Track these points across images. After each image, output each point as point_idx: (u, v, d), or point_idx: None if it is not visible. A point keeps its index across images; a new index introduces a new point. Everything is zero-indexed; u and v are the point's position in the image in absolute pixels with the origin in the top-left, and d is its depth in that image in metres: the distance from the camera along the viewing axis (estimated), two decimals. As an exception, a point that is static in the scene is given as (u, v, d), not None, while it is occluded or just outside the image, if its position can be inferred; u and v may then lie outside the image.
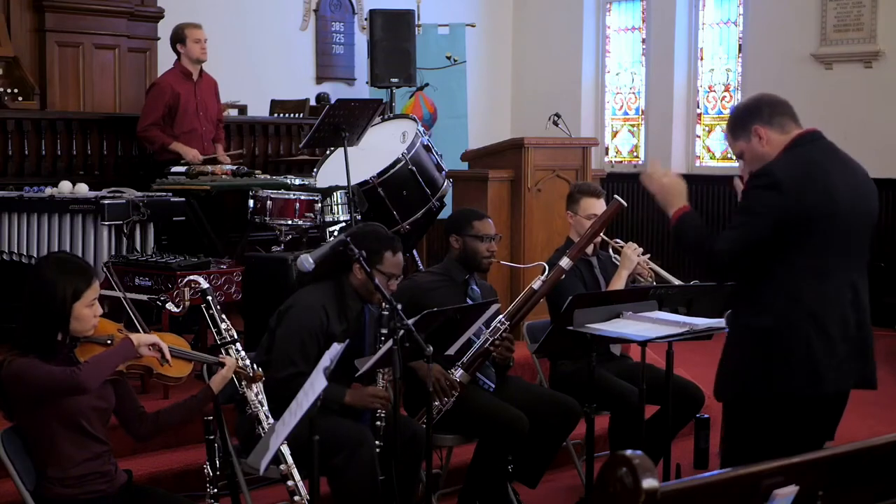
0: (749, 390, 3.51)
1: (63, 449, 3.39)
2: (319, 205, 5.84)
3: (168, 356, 3.51)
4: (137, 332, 3.56)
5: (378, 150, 6.38)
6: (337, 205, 5.90)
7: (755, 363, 3.48)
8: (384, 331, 4.12)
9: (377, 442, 4.04)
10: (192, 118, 6.94)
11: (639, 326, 4.16)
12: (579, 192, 5.19)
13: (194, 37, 6.96)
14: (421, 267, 6.90)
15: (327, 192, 5.92)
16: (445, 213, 6.21)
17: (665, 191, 3.66)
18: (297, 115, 8.49)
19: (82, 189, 5.86)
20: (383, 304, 4.09)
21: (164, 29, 8.08)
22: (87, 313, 3.42)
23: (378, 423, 4.09)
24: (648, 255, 5.07)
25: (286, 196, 5.88)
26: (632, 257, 4.99)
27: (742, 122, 3.58)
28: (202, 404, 3.69)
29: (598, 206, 5.09)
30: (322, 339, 4.04)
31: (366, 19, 9.82)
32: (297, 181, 6.46)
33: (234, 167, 6.67)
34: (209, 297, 3.81)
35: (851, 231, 3.49)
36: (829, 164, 3.51)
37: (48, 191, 5.83)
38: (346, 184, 5.80)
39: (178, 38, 6.99)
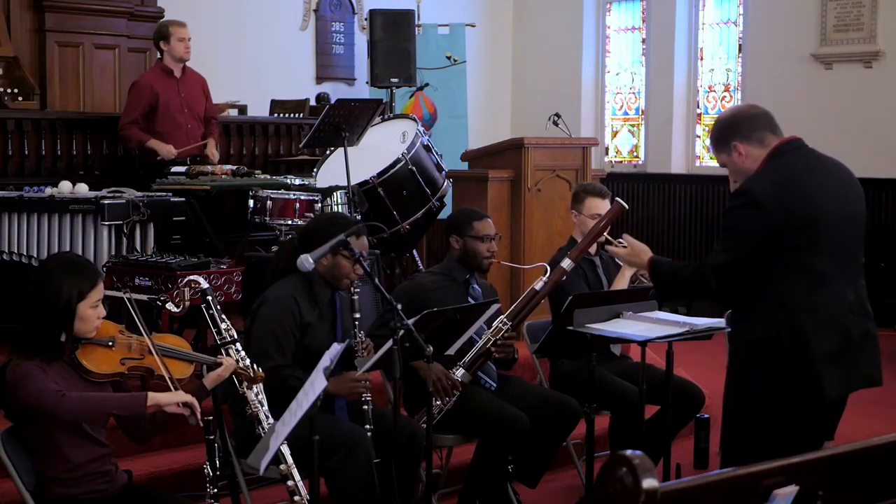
0: (750, 400, 3.52)
1: (63, 451, 3.39)
2: (319, 205, 5.84)
3: (199, 416, 3.42)
4: (140, 333, 3.53)
5: (378, 150, 6.39)
6: (337, 205, 5.91)
7: (754, 374, 3.49)
8: (358, 315, 4.14)
9: (368, 426, 4.04)
10: (175, 115, 6.85)
11: (639, 326, 4.16)
12: (584, 192, 5.18)
13: (179, 35, 6.89)
14: (421, 267, 6.90)
15: (327, 192, 5.93)
16: (445, 213, 6.22)
17: (631, 255, 3.88)
18: (297, 115, 8.48)
19: (82, 189, 5.85)
20: (352, 289, 4.14)
21: (164, 29, 8.09)
22: (90, 314, 3.42)
23: (365, 406, 4.09)
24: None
25: (286, 196, 5.88)
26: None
27: (721, 137, 3.59)
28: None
29: (602, 206, 5.09)
30: (296, 329, 4.07)
31: (366, 19, 9.81)
32: (297, 181, 6.45)
33: (234, 167, 6.66)
34: (209, 297, 3.80)
35: (840, 235, 3.49)
36: (811, 170, 3.50)
37: (48, 191, 5.83)
38: (346, 184, 5.81)
39: (162, 35, 6.94)
